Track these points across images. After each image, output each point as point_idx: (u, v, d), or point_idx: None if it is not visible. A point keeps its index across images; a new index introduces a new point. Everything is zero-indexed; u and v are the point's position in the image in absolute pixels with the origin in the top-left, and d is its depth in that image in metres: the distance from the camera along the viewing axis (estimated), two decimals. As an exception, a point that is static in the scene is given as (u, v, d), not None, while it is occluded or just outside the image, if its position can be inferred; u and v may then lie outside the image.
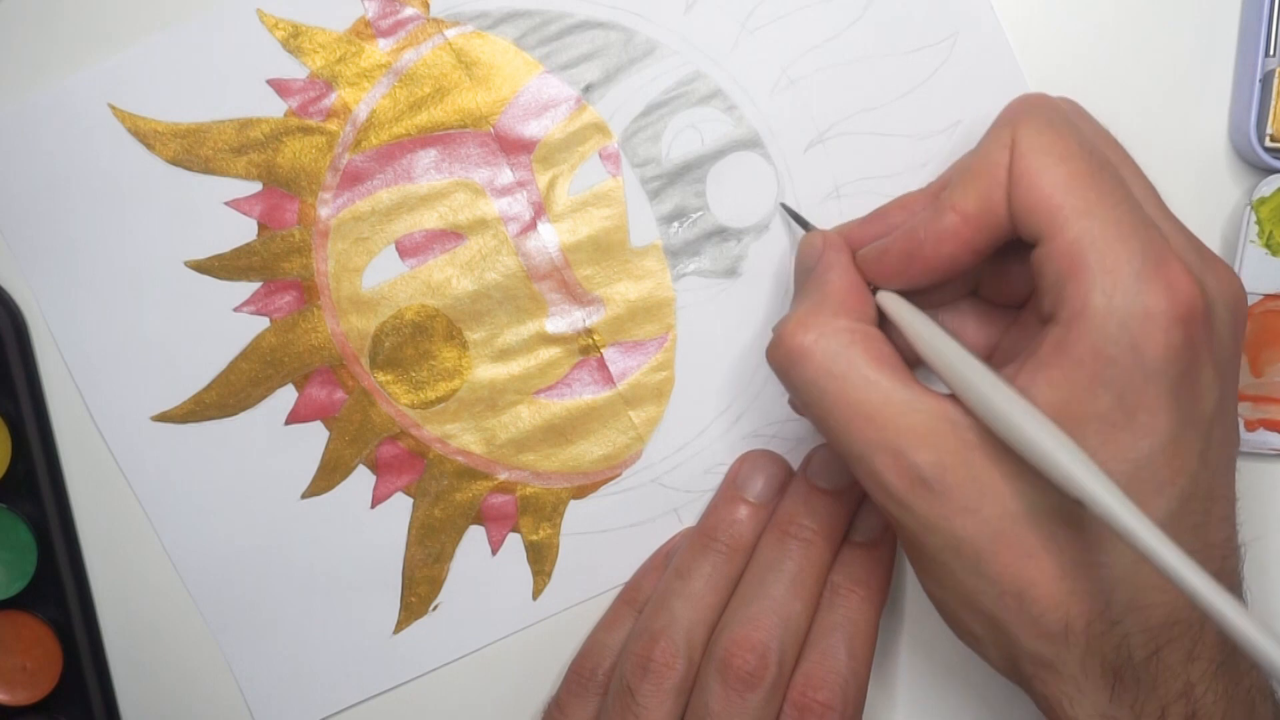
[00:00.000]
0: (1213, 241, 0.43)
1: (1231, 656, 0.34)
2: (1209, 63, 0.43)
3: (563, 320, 0.44)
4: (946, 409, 0.34)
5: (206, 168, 0.43)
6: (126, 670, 0.46)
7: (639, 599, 0.44)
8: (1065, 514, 0.33)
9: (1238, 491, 0.36)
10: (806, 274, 0.39)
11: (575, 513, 0.45)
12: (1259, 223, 0.42)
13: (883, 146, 0.43)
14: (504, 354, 0.44)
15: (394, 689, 0.45)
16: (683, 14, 0.43)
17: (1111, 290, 0.32)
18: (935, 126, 0.43)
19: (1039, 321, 0.35)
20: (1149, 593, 0.33)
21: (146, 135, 0.43)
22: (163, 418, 0.44)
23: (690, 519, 0.45)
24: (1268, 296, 0.42)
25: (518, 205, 0.43)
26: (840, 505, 0.42)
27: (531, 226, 0.44)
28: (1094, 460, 0.31)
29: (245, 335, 0.44)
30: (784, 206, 0.43)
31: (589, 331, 0.44)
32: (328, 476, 0.44)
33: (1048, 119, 0.35)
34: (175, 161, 0.43)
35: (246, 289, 0.44)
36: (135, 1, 0.43)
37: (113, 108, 0.43)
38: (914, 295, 0.38)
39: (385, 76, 0.43)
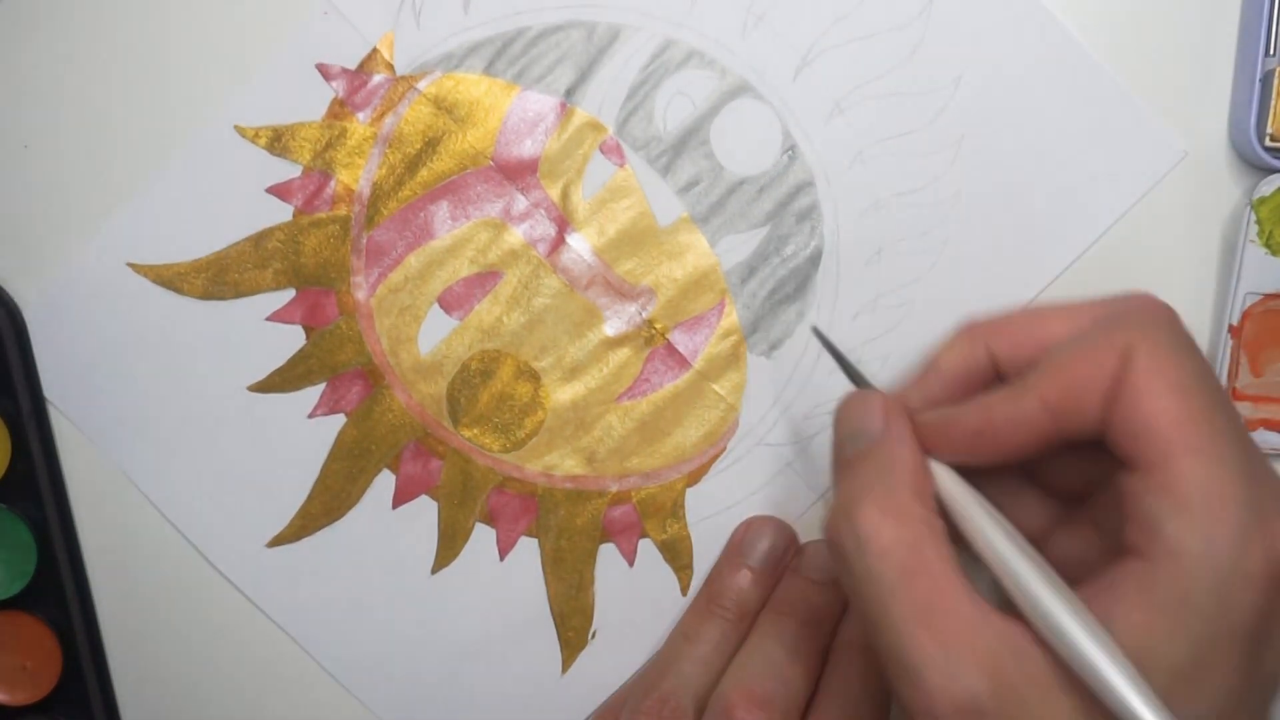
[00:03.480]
0: (1213, 241, 0.43)
1: None
2: (1209, 63, 0.43)
3: (620, 320, 0.44)
4: (1014, 635, 0.31)
5: (237, 291, 0.44)
6: (126, 670, 0.46)
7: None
8: None
9: None
10: (862, 440, 0.36)
11: (695, 499, 0.45)
12: (1259, 223, 0.41)
13: (867, 48, 0.43)
14: (575, 371, 0.44)
15: None
16: (634, -10, 0.43)
17: (1212, 540, 0.30)
18: (911, 11, 0.43)
19: (1105, 540, 0.33)
20: None
21: (171, 280, 0.43)
22: (277, 541, 0.44)
23: (803, 469, 0.44)
24: (1267, 296, 0.42)
25: (540, 226, 0.44)
26: (834, 595, 0.42)
27: (560, 241, 0.44)
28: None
29: (327, 437, 0.44)
30: (815, 332, 0.41)
31: (649, 323, 0.44)
32: (450, 545, 0.44)
33: (1172, 340, 0.33)
34: (206, 295, 0.44)
35: (314, 393, 0.44)
36: (119, 159, 0.43)
37: (131, 265, 0.43)
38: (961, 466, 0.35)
39: (375, 147, 0.43)
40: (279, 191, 0.43)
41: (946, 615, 0.31)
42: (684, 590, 0.45)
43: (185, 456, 0.44)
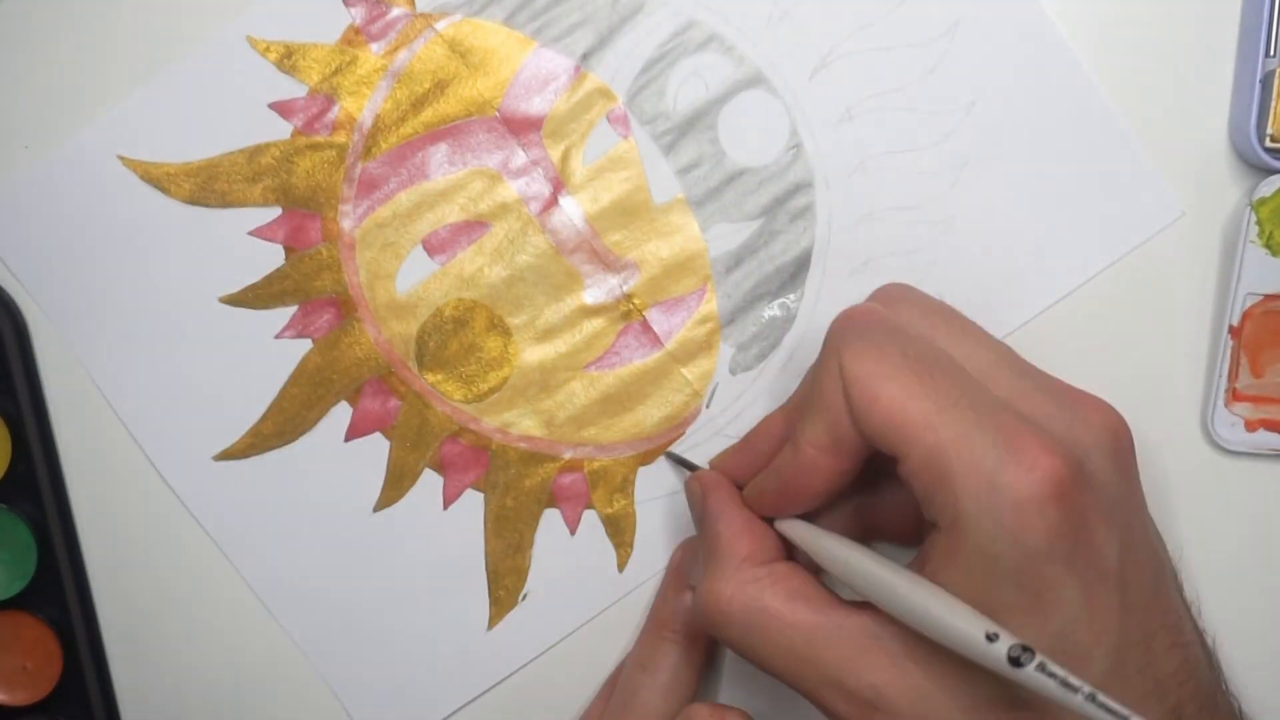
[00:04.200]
0: (1213, 241, 0.43)
1: None
2: (1209, 63, 0.43)
3: (600, 290, 0.44)
4: (867, 624, 0.34)
5: (224, 201, 0.43)
6: (126, 670, 0.46)
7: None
8: (1010, 698, 0.33)
9: (1240, 492, 0.36)
10: (699, 521, 0.40)
11: (646, 479, 0.45)
12: (1259, 223, 0.41)
13: (886, 60, 0.43)
14: (548, 333, 0.44)
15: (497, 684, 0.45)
16: (665, -36, 0.43)
17: (976, 493, 0.32)
18: (935, 31, 0.43)
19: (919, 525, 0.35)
20: None
21: (160, 179, 0.43)
22: (224, 456, 0.44)
23: (760, 467, 0.44)
24: (1267, 297, 0.42)
25: (536, 184, 0.43)
26: None
27: (553, 202, 0.43)
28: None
29: (290, 360, 0.44)
30: (669, 456, 0.44)
31: (628, 296, 0.44)
32: (396, 486, 0.44)
33: (865, 339, 0.35)
34: (192, 200, 0.43)
35: (284, 314, 0.44)
36: (127, 50, 0.43)
37: (122, 158, 0.43)
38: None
39: (383, 80, 0.43)
40: (281, 109, 0.43)
41: (806, 642, 0.35)
42: (620, 566, 0.45)
43: (146, 356, 0.44)
